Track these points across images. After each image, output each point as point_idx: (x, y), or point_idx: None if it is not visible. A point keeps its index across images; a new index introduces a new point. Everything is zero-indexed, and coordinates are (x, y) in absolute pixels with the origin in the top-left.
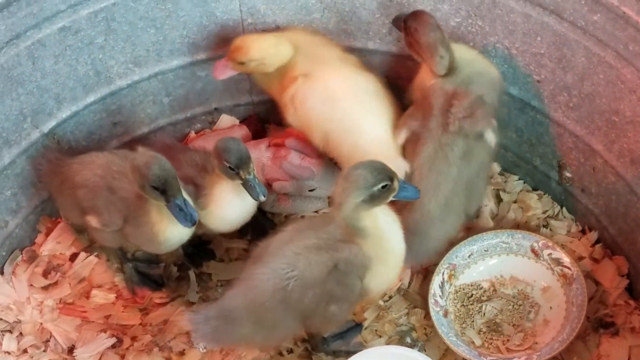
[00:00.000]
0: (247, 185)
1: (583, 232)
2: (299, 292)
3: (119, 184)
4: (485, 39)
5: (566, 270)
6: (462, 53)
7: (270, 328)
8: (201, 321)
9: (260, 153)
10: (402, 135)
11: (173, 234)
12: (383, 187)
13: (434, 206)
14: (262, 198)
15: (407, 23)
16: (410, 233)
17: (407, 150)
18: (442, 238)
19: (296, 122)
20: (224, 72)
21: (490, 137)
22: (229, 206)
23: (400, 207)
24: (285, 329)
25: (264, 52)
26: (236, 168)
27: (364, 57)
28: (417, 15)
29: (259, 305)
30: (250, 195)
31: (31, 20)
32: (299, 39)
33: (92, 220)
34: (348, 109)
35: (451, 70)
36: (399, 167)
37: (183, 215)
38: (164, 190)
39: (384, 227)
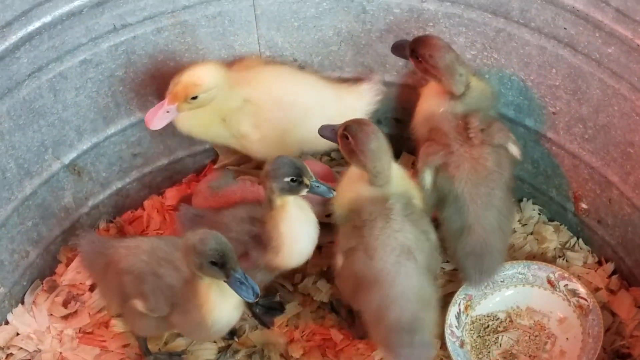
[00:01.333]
0: (315, 189)
1: (599, 263)
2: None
3: (165, 271)
4: (500, 72)
5: (582, 301)
6: None
7: (431, 300)
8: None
9: None
10: (427, 177)
11: (222, 313)
12: None
13: (492, 218)
14: (334, 192)
15: (417, 51)
16: (478, 255)
17: (439, 182)
18: (506, 244)
19: (266, 147)
20: (164, 118)
21: (514, 150)
22: (301, 235)
23: (458, 234)
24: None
25: (215, 77)
26: (299, 177)
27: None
28: (426, 41)
29: (415, 292)
30: (323, 196)
31: (53, 54)
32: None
33: (138, 305)
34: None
35: (466, 88)
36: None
37: (245, 288)
38: (223, 264)
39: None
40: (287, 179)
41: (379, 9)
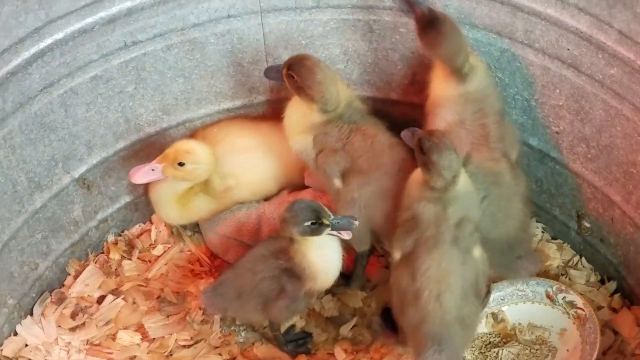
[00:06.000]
0: (335, 226)
1: (602, 282)
2: None
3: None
4: (505, 91)
5: (580, 311)
6: None
7: None
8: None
9: (282, 198)
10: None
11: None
12: None
13: (511, 228)
14: (356, 223)
15: (429, 33)
16: (507, 245)
17: None
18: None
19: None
20: (147, 175)
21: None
22: (331, 256)
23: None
24: None
25: (207, 154)
26: (317, 220)
27: (386, 108)
28: (434, 22)
29: None
30: (345, 229)
31: (64, 70)
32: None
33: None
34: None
35: (468, 72)
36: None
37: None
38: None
39: None
40: (308, 224)
41: (385, 28)
